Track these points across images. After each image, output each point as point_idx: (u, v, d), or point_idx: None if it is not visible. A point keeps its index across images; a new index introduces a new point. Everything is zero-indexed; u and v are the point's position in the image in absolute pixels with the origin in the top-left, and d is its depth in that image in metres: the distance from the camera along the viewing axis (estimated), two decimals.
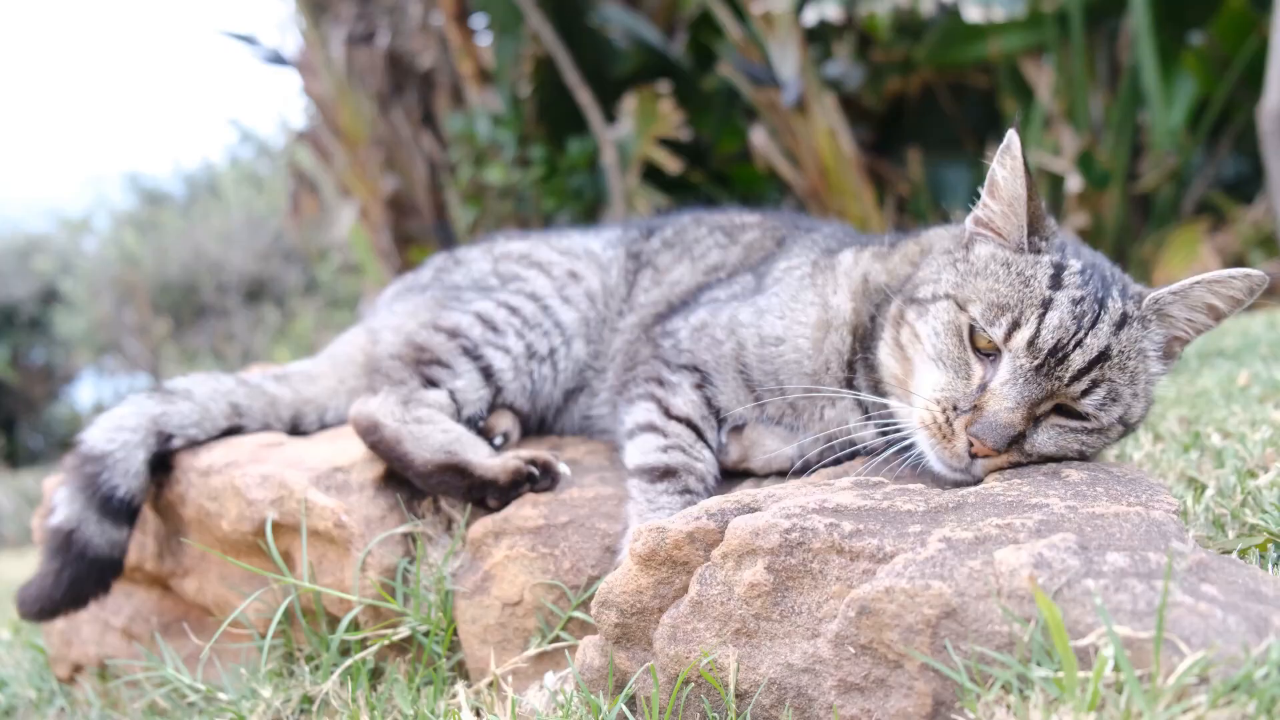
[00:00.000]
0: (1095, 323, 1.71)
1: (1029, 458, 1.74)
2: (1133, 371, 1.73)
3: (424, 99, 10.08)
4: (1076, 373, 1.69)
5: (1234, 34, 7.16)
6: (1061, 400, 1.72)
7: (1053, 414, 1.74)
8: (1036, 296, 1.73)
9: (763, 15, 7.63)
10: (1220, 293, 1.74)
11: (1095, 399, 1.71)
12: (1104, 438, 1.77)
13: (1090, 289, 1.74)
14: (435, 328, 2.37)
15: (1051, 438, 1.73)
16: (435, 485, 2.16)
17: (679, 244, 2.58)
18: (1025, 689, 1.30)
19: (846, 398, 2.01)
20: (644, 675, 1.67)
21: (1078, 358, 1.69)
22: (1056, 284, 1.74)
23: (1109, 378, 1.71)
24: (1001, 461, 1.72)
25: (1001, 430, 1.67)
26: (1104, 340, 1.70)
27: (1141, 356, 1.75)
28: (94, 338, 17.20)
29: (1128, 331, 1.73)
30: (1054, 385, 1.70)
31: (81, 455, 2.27)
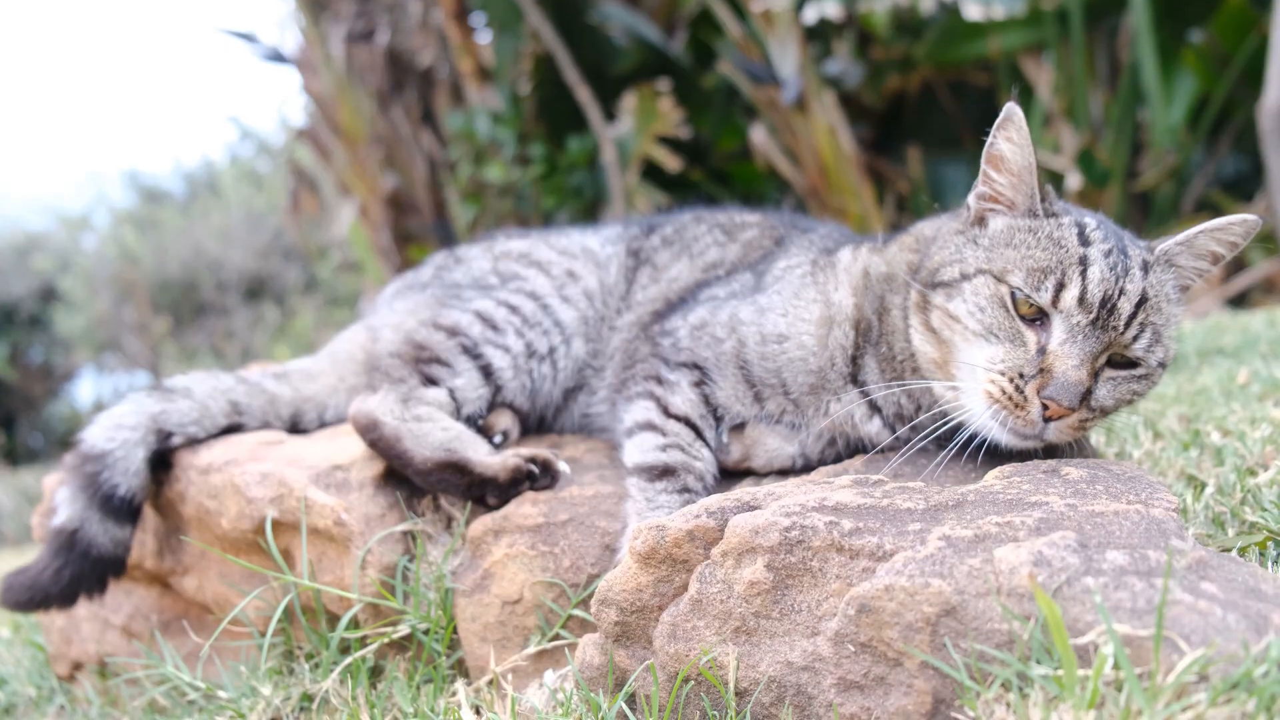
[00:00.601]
0: (1128, 271, 1.76)
1: (1094, 414, 1.78)
2: (1167, 314, 1.81)
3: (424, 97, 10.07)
4: (1127, 320, 1.74)
5: (1234, 32, 7.15)
6: (1116, 350, 1.78)
7: (1106, 368, 1.79)
8: (1073, 255, 1.76)
9: (762, 13, 7.62)
10: (1221, 239, 1.81)
11: (1144, 343, 1.77)
12: (1150, 382, 1.82)
13: (1113, 241, 1.81)
14: (435, 326, 2.37)
15: (1110, 390, 1.78)
16: (435, 483, 2.16)
17: (678, 241, 2.58)
18: (1025, 687, 1.30)
19: (851, 394, 2.01)
20: (644, 673, 1.67)
21: (1125, 305, 1.74)
22: (1085, 241, 1.78)
23: (1151, 320, 1.77)
24: (1074, 420, 1.74)
25: (1074, 388, 1.70)
26: (1139, 285, 1.76)
27: (1169, 300, 1.82)
28: (93, 336, 17.19)
29: (1154, 275, 1.80)
30: (1110, 336, 1.74)
31: (82, 454, 2.27)
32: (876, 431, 2.01)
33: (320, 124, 9.99)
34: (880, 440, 2.00)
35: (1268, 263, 7.17)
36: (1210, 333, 4.23)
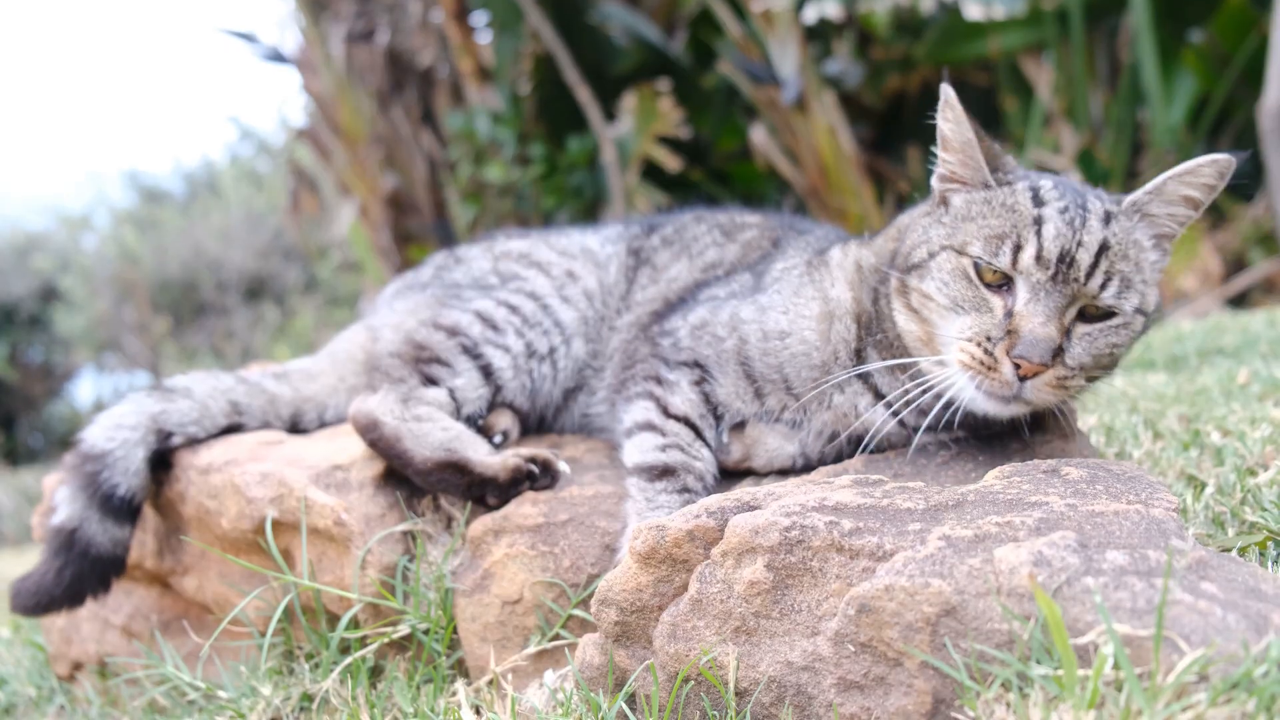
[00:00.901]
0: (1084, 223, 1.79)
1: (1073, 371, 1.78)
2: (1135, 261, 1.81)
3: (424, 97, 10.07)
4: (1088, 269, 1.76)
5: (1234, 32, 7.15)
6: (1084, 303, 1.79)
7: (1078, 323, 1.80)
8: (1027, 217, 1.80)
9: (762, 13, 7.62)
10: (1193, 183, 1.81)
11: (1113, 290, 1.78)
12: (1129, 332, 1.82)
13: (1069, 198, 1.83)
14: (435, 326, 2.37)
15: (1086, 346, 1.79)
16: (435, 483, 2.16)
17: (678, 241, 2.58)
18: (1025, 687, 1.30)
19: (855, 384, 2.01)
20: (644, 673, 1.67)
21: (1084, 256, 1.76)
22: (1039, 202, 1.82)
23: (1118, 269, 1.78)
24: (1050, 377, 1.75)
25: (1042, 344, 1.73)
26: (1099, 235, 1.78)
27: (1138, 247, 1.82)
28: (93, 335, 17.19)
29: (1116, 225, 1.80)
30: (1073, 289, 1.77)
31: (81, 454, 2.27)
32: (881, 420, 2.00)
33: (320, 124, 9.99)
34: (885, 429, 2.00)
35: (1268, 263, 7.17)
36: (1210, 333, 4.23)
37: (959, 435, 2.01)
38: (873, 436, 2.02)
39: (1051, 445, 2.07)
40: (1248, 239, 7.35)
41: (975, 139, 1.89)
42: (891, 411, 2.00)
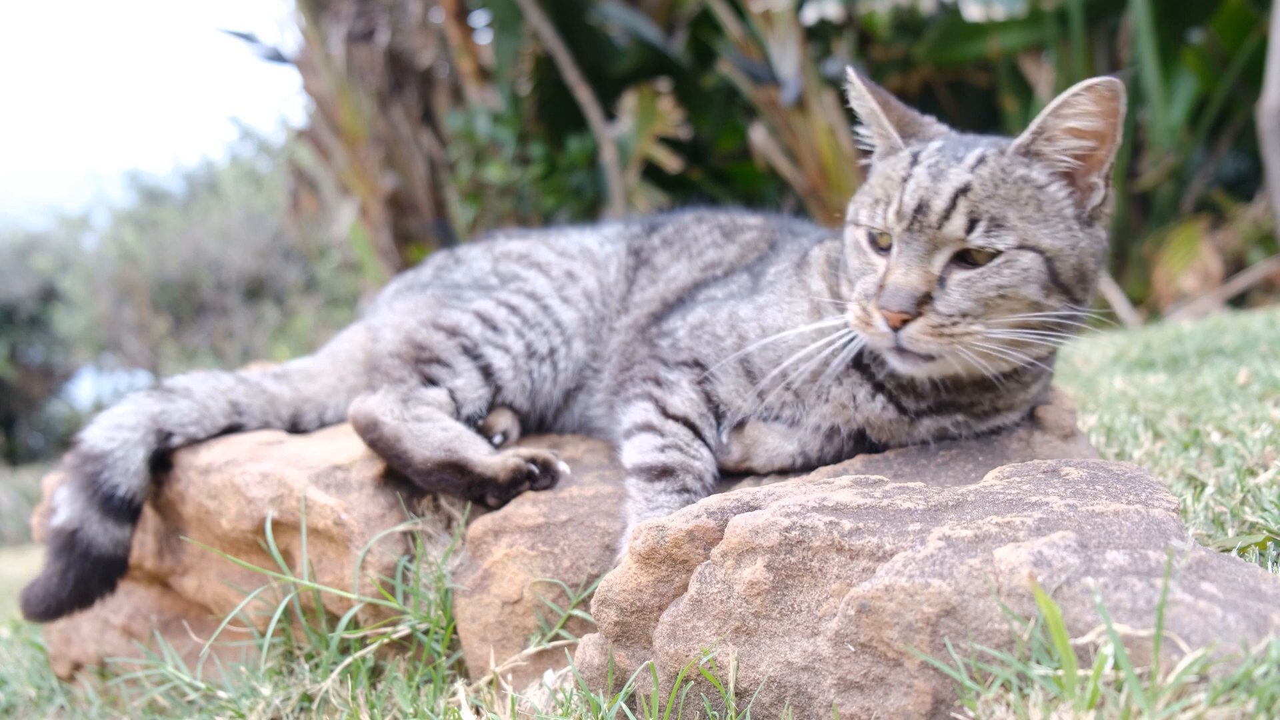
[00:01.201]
0: (944, 173, 1.81)
1: (951, 318, 1.76)
2: (1014, 199, 1.78)
3: (424, 97, 10.07)
4: (942, 212, 1.77)
5: (1234, 32, 7.15)
6: (955, 248, 1.78)
7: (958, 269, 1.78)
8: (898, 179, 1.86)
9: (762, 13, 7.62)
10: (1072, 114, 1.79)
11: (981, 230, 1.76)
12: (1017, 270, 1.77)
13: (945, 155, 1.85)
14: (435, 326, 2.37)
15: (965, 292, 1.77)
16: (434, 483, 2.16)
17: (678, 242, 2.58)
18: (1025, 687, 1.30)
19: (852, 374, 2.02)
20: (644, 673, 1.67)
21: (938, 203, 1.78)
22: (915, 163, 1.87)
23: (984, 209, 1.76)
24: (923, 325, 1.76)
25: (901, 292, 1.76)
26: (959, 179, 1.78)
27: (1028, 185, 1.79)
28: (93, 335, 17.19)
29: (988, 167, 1.79)
30: (929, 234, 1.78)
31: (81, 454, 2.27)
32: (880, 410, 2.00)
33: (320, 124, 9.99)
34: (884, 419, 2.00)
35: (1268, 263, 7.17)
36: (1210, 333, 4.23)
37: (960, 423, 2.01)
38: (873, 429, 2.02)
39: (1051, 445, 2.07)
40: (1248, 239, 7.35)
41: (880, 109, 1.96)
42: (893, 403, 1.99)
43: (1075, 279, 1.82)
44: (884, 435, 2.04)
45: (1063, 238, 1.80)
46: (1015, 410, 2.06)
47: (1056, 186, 1.82)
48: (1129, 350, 4.17)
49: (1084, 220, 1.83)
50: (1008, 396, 2.01)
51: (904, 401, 1.99)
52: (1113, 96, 1.76)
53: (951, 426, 2.02)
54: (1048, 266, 1.78)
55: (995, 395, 1.99)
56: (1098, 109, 1.77)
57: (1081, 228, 1.82)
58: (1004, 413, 2.04)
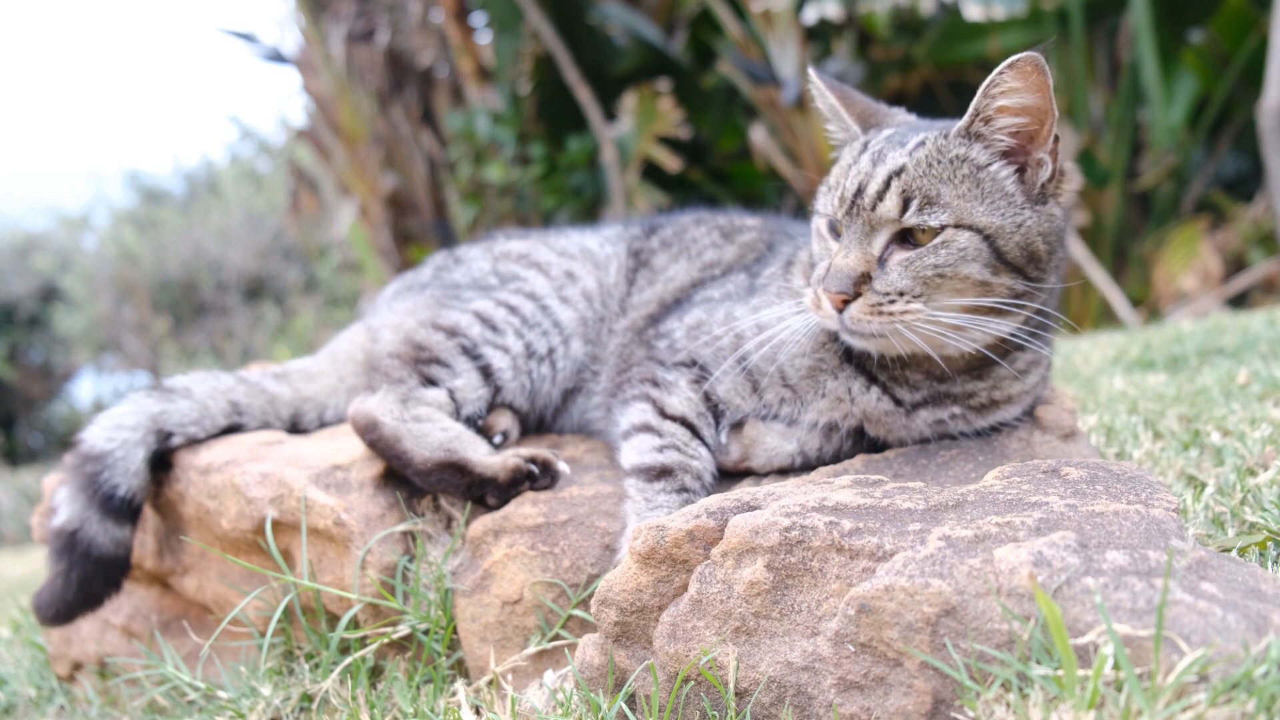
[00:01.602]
0: (884, 157, 1.86)
1: (888, 296, 1.80)
2: (950, 178, 1.80)
3: (424, 97, 10.08)
4: (876, 194, 1.82)
5: (1234, 32, 7.15)
6: (893, 229, 1.82)
7: (899, 250, 1.81)
8: (847, 166, 1.93)
9: (762, 13, 7.63)
10: (997, 94, 1.80)
11: (914, 208, 1.80)
12: (953, 250, 1.78)
13: (891, 142, 1.90)
14: (434, 326, 2.37)
15: (901, 271, 1.80)
16: (434, 483, 2.16)
17: (676, 243, 2.59)
18: (1025, 687, 1.30)
19: (847, 368, 2.02)
20: (644, 673, 1.67)
21: (872, 185, 1.83)
22: (864, 150, 1.93)
23: (918, 187, 1.80)
24: (862, 304, 1.80)
25: (841, 274, 1.82)
26: (896, 161, 1.83)
27: (964, 163, 1.82)
28: (93, 335, 17.19)
29: (926, 149, 1.83)
30: (865, 216, 1.83)
31: (81, 454, 2.27)
32: (875, 402, 2.01)
33: (320, 124, 9.99)
34: (880, 411, 2.00)
35: (1268, 263, 7.17)
36: (1210, 333, 4.23)
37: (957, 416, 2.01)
38: (870, 421, 2.03)
39: (1051, 445, 2.08)
40: (1248, 239, 7.35)
41: (840, 104, 2.05)
42: (888, 395, 1.99)
43: (1025, 258, 1.82)
44: (881, 429, 2.04)
45: (1004, 216, 1.80)
46: (1014, 404, 2.05)
47: (998, 165, 1.82)
48: (1129, 350, 4.17)
49: (1033, 198, 1.84)
50: (1004, 387, 2.01)
51: (899, 393, 1.99)
52: (1036, 70, 1.75)
53: (949, 420, 2.01)
54: (989, 245, 1.79)
55: (989, 385, 1.99)
56: (1022, 84, 1.77)
57: (1030, 206, 1.83)
58: (1002, 406, 2.04)
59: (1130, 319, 7.13)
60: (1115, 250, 7.76)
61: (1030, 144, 1.83)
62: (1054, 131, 1.82)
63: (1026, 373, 2.03)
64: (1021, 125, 1.81)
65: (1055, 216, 1.86)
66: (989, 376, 1.98)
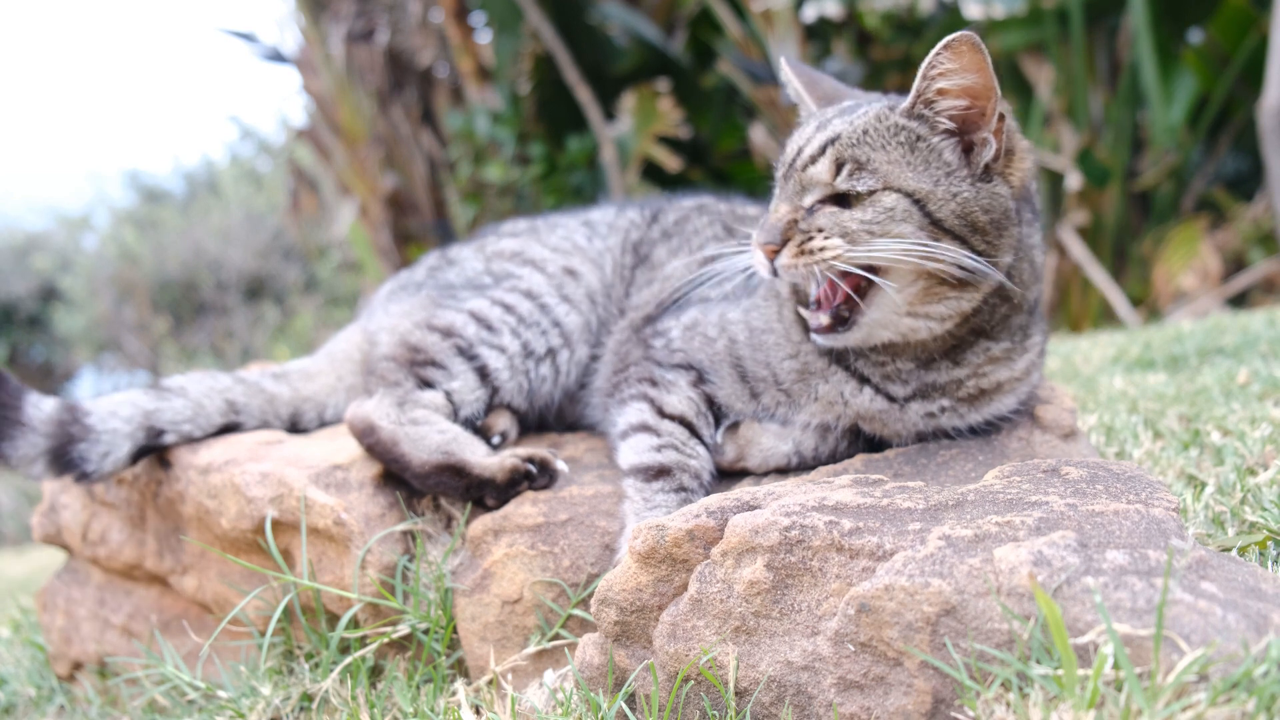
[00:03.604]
0: (826, 125, 1.91)
1: (808, 234, 1.84)
2: (884, 146, 1.83)
3: (423, 96, 10.08)
4: (810, 156, 1.87)
5: (1234, 31, 7.15)
6: (825, 191, 1.85)
7: (828, 206, 1.85)
8: (796, 137, 1.99)
9: (762, 12, 7.63)
10: (935, 75, 1.80)
11: (845, 174, 1.83)
12: (879, 209, 1.80)
13: (841, 113, 1.95)
14: (429, 327, 2.37)
15: (828, 219, 1.84)
16: (433, 486, 2.16)
17: (678, 234, 2.56)
18: (1025, 687, 1.30)
19: (837, 372, 2.01)
20: (643, 673, 1.67)
21: (808, 149, 1.89)
22: (815, 121, 1.98)
23: (852, 155, 1.83)
24: (788, 250, 1.85)
25: (772, 226, 1.88)
26: (836, 129, 1.88)
27: (902, 132, 1.84)
28: (93, 335, 17.19)
29: (865, 119, 1.87)
30: (798, 176, 1.88)
31: (77, 415, 2.28)
32: (869, 402, 2.00)
33: (320, 124, 9.99)
34: (874, 409, 1.99)
35: (1267, 262, 7.17)
36: (1210, 332, 4.23)
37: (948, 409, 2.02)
38: (865, 420, 2.02)
39: (1051, 445, 2.07)
40: (1248, 239, 7.35)
41: (804, 89, 2.11)
42: (881, 394, 1.99)
43: (965, 227, 1.82)
44: (876, 426, 2.03)
45: (936, 183, 1.81)
46: (1005, 393, 2.03)
47: (939, 139, 1.83)
48: (1129, 350, 4.17)
49: (976, 176, 1.84)
50: (988, 374, 1.99)
51: (891, 390, 1.99)
52: (973, 49, 1.75)
53: (940, 413, 2.00)
54: (919, 209, 1.80)
55: (970, 372, 1.97)
56: (959, 65, 1.77)
57: (971, 181, 1.83)
58: (994, 397, 2.01)
59: (1130, 318, 7.13)
60: (1115, 250, 7.76)
61: (973, 122, 1.83)
62: (998, 110, 1.82)
63: (1010, 360, 2.01)
64: (963, 107, 1.82)
65: (1000, 195, 1.85)
66: (967, 363, 1.97)
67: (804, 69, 2.17)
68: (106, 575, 2.63)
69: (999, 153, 1.85)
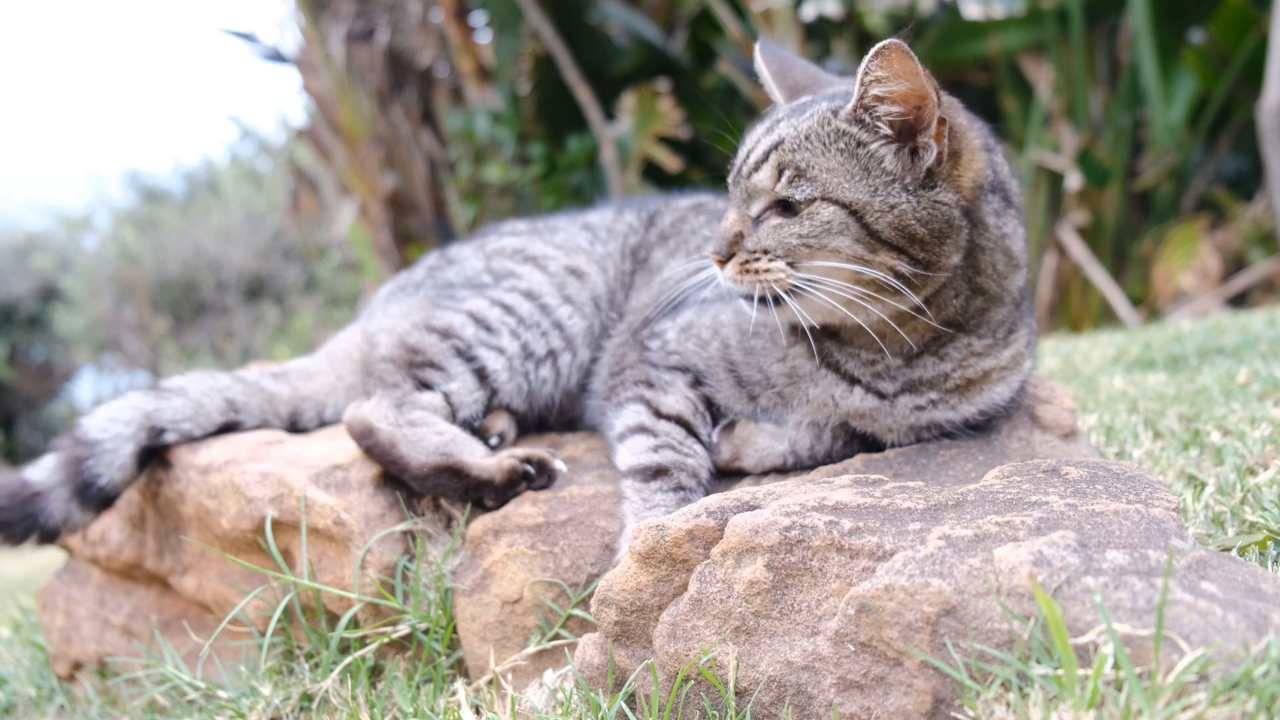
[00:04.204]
0: (772, 130, 1.91)
1: (754, 254, 1.84)
2: (824, 153, 1.83)
3: (423, 96, 10.08)
4: (753, 165, 1.88)
5: (1234, 31, 7.15)
6: (769, 198, 1.85)
7: (773, 216, 1.85)
8: (751, 136, 1.98)
9: (762, 12, 7.63)
10: (870, 81, 1.79)
11: (785, 180, 1.83)
12: (824, 228, 1.80)
13: (793, 112, 1.93)
14: (428, 328, 2.36)
15: (770, 233, 1.84)
16: (431, 487, 2.16)
17: (675, 236, 2.56)
18: (1025, 686, 1.30)
19: (827, 375, 2.01)
20: (643, 673, 1.67)
21: (752, 156, 1.90)
22: (770, 121, 1.97)
23: (791, 160, 1.83)
24: (735, 264, 1.86)
25: (718, 236, 1.90)
26: (781, 133, 1.87)
27: (842, 138, 1.83)
28: (93, 335, 17.20)
29: (809, 123, 1.86)
30: (744, 184, 1.89)
31: (75, 437, 2.30)
32: (859, 402, 2.00)
33: (320, 124, 9.99)
34: (866, 408, 1.99)
35: (1267, 262, 7.17)
36: (1210, 332, 4.23)
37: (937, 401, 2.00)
38: (857, 419, 2.02)
39: (1051, 444, 2.07)
40: (1248, 239, 7.35)
41: (773, 78, 2.11)
42: (872, 393, 1.99)
43: (904, 239, 1.80)
44: (868, 423, 2.02)
45: (873, 194, 1.80)
46: (993, 382, 2.01)
47: (880, 145, 1.82)
48: (1129, 350, 4.17)
49: (919, 182, 1.82)
50: (973, 364, 1.97)
51: (881, 387, 1.98)
52: (901, 56, 1.74)
53: (929, 405, 1.98)
54: (857, 221, 1.80)
55: (955, 365, 1.96)
56: (889, 72, 1.77)
57: (913, 190, 1.81)
58: (981, 386, 2.00)
59: (1130, 318, 7.13)
60: (1115, 250, 7.76)
61: (913, 129, 1.82)
62: (936, 115, 1.80)
63: (994, 352, 1.99)
64: (899, 113, 1.81)
65: (943, 202, 1.82)
66: (949, 357, 1.96)
67: (778, 54, 2.15)
68: (106, 575, 2.63)
69: (940, 157, 1.82)
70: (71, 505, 2.27)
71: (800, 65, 2.15)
